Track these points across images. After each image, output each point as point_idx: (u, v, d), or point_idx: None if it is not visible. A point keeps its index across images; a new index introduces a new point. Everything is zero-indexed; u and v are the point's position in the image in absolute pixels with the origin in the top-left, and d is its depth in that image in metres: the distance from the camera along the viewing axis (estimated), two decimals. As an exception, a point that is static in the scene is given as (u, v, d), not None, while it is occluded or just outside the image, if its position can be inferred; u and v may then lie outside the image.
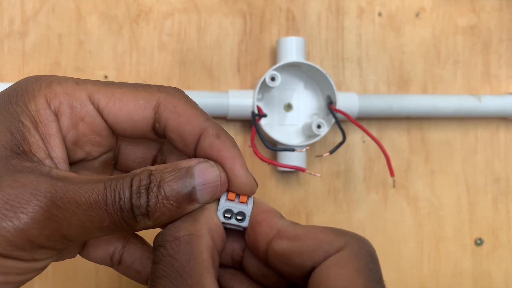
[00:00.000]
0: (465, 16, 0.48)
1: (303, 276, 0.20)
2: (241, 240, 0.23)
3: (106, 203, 0.19)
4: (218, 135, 0.21)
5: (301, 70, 0.42)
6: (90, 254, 0.24)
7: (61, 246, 0.19)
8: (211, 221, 0.20)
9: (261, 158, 0.35)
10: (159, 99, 0.21)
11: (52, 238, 0.19)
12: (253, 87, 0.42)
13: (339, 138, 0.39)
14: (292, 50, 0.41)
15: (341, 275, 0.18)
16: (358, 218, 0.45)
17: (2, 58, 0.40)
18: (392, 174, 0.40)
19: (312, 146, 0.43)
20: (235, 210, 0.21)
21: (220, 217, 0.21)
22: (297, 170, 0.39)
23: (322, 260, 0.19)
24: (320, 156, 0.42)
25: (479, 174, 0.48)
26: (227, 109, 0.40)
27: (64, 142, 0.21)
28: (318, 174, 0.36)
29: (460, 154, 0.48)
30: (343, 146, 0.42)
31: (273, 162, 0.36)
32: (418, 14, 0.47)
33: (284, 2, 0.44)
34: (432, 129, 0.47)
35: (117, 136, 0.23)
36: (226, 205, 0.21)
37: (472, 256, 0.47)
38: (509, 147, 0.49)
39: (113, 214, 0.19)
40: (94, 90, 0.21)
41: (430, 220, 0.47)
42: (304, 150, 0.37)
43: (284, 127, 0.42)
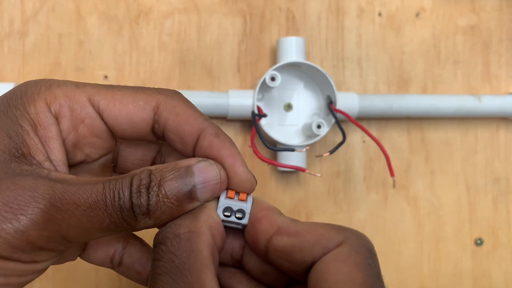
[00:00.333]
0: (465, 16, 0.48)
1: (303, 271, 0.20)
2: (240, 238, 0.23)
3: (106, 203, 0.19)
4: (217, 134, 0.21)
5: (301, 70, 0.42)
6: (91, 257, 0.24)
7: (61, 247, 0.19)
8: (211, 219, 0.21)
9: (261, 158, 0.35)
10: (158, 101, 0.21)
11: (51, 240, 0.19)
12: (253, 87, 0.42)
13: (339, 138, 0.39)
14: (292, 50, 0.41)
15: (340, 270, 0.18)
16: (358, 218, 0.45)
17: (2, 58, 0.40)
18: (392, 174, 0.40)
19: (312, 146, 0.43)
20: (235, 208, 0.21)
21: (220, 214, 0.21)
22: (297, 170, 0.39)
23: (322, 255, 0.19)
24: (320, 156, 0.42)
25: (479, 174, 0.48)
26: (227, 109, 0.40)
27: (64, 144, 0.21)
28: (318, 174, 0.36)
29: (460, 154, 0.48)
30: (343, 146, 0.42)
31: (273, 162, 0.36)
32: (418, 14, 0.47)
33: (284, 2, 0.44)
34: (432, 129, 0.47)
35: (116, 138, 0.23)
36: (226, 203, 0.21)
37: (472, 256, 0.47)
38: (509, 147, 0.49)
39: (112, 214, 0.19)
40: (94, 93, 0.21)
41: (430, 220, 0.47)
42: (304, 150, 0.37)
43: (284, 127, 0.42)
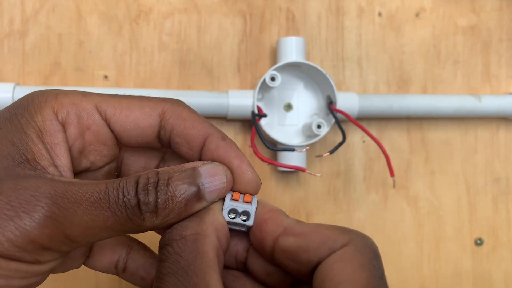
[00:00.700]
0: (465, 16, 0.48)
1: (309, 272, 0.20)
2: (244, 241, 0.23)
3: (109, 201, 0.19)
4: (223, 138, 0.22)
5: (301, 70, 0.42)
6: (96, 263, 0.25)
7: (64, 247, 0.19)
8: (217, 221, 0.21)
9: (261, 158, 0.35)
10: (164, 108, 0.22)
11: (54, 239, 0.18)
12: (253, 87, 0.42)
13: (339, 138, 0.39)
14: (292, 50, 0.41)
15: (345, 270, 0.19)
16: (358, 218, 0.45)
17: (2, 58, 0.40)
18: (392, 174, 0.40)
19: (312, 146, 0.43)
20: (240, 210, 0.22)
21: (225, 216, 0.22)
22: (297, 170, 0.39)
23: (327, 255, 0.20)
24: (320, 156, 0.42)
25: (479, 174, 0.48)
26: (227, 109, 0.40)
27: (70, 151, 0.22)
28: (318, 174, 0.36)
29: (460, 154, 0.48)
30: (343, 146, 0.42)
31: (273, 162, 0.36)
32: (418, 14, 0.47)
33: (284, 2, 0.44)
34: (432, 129, 0.47)
35: (121, 145, 0.24)
36: (231, 204, 0.22)
37: (472, 256, 0.47)
38: (509, 147, 0.49)
39: (117, 212, 0.19)
40: (101, 100, 0.22)
41: (430, 220, 0.47)
42: (304, 150, 0.37)
43: (284, 127, 0.42)
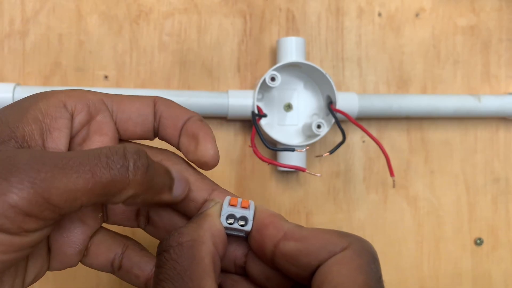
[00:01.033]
0: (464, 16, 0.48)
1: (309, 275, 0.21)
2: (242, 246, 0.24)
3: (89, 164, 0.19)
4: (201, 120, 0.25)
5: (301, 70, 0.42)
6: (93, 262, 0.25)
7: (47, 213, 0.18)
8: (214, 227, 0.22)
9: (261, 158, 0.35)
10: (155, 99, 0.26)
11: (34, 203, 0.18)
12: (253, 87, 0.42)
13: (339, 138, 0.39)
14: (292, 50, 0.41)
15: (343, 272, 0.19)
16: (358, 218, 0.45)
17: (2, 58, 0.40)
18: (392, 174, 0.40)
19: (312, 146, 0.43)
20: (238, 215, 0.22)
21: (223, 222, 0.22)
22: (297, 170, 0.39)
23: (327, 259, 0.20)
24: (320, 156, 0.42)
25: (479, 174, 0.48)
26: (227, 109, 0.40)
27: (73, 138, 0.23)
28: (318, 174, 0.36)
29: (459, 154, 0.48)
30: (343, 146, 0.42)
31: (273, 162, 0.36)
32: (417, 15, 0.47)
33: (284, 2, 0.45)
34: (431, 129, 0.47)
35: (121, 138, 0.25)
36: (229, 210, 0.23)
37: (471, 256, 0.47)
38: (508, 147, 0.49)
39: (98, 173, 0.19)
40: (105, 96, 0.25)
41: (429, 220, 0.47)
42: (304, 150, 0.37)
43: (284, 127, 0.42)
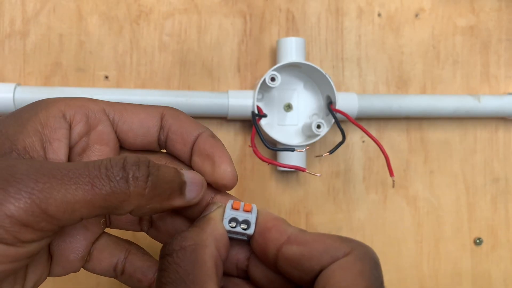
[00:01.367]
0: (464, 16, 0.48)
1: (311, 279, 0.21)
2: (245, 249, 0.24)
3: (89, 175, 0.18)
4: (213, 136, 0.24)
5: (301, 71, 0.42)
6: (95, 267, 0.25)
7: (44, 224, 0.18)
8: (216, 231, 0.22)
9: (261, 158, 0.35)
10: (164, 111, 0.24)
11: (31, 214, 0.17)
12: (253, 87, 0.43)
13: (339, 138, 0.39)
14: (292, 50, 0.41)
15: (346, 277, 0.19)
16: (358, 218, 0.45)
17: (3, 58, 0.40)
18: (391, 174, 0.40)
19: (312, 146, 0.43)
20: (240, 219, 0.23)
21: (225, 225, 0.22)
22: (297, 170, 0.39)
23: (330, 263, 0.20)
24: (320, 156, 0.42)
25: (478, 174, 0.48)
26: (227, 109, 0.40)
27: (73, 149, 0.23)
28: (318, 174, 0.36)
29: (459, 154, 0.48)
30: (343, 146, 0.42)
31: (273, 162, 0.36)
32: (417, 15, 0.47)
33: (284, 2, 0.45)
34: (431, 129, 0.47)
35: (123, 148, 0.25)
36: (232, 213, 0.23)
37: (471, 255, 0.47)
38: (508, 147, 0.49)
39: (98, 185, 0.18)
40: (108, 105, 0.24)
41: (429, 219, 0.47)
42: (304, 150, 0.37)
43: (284, 127, 0.43)
